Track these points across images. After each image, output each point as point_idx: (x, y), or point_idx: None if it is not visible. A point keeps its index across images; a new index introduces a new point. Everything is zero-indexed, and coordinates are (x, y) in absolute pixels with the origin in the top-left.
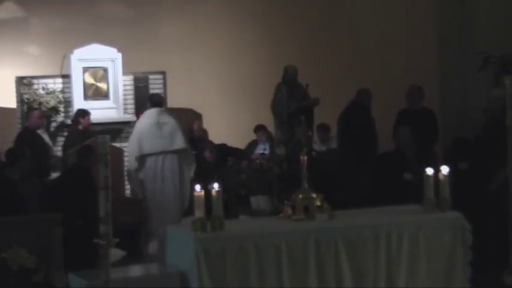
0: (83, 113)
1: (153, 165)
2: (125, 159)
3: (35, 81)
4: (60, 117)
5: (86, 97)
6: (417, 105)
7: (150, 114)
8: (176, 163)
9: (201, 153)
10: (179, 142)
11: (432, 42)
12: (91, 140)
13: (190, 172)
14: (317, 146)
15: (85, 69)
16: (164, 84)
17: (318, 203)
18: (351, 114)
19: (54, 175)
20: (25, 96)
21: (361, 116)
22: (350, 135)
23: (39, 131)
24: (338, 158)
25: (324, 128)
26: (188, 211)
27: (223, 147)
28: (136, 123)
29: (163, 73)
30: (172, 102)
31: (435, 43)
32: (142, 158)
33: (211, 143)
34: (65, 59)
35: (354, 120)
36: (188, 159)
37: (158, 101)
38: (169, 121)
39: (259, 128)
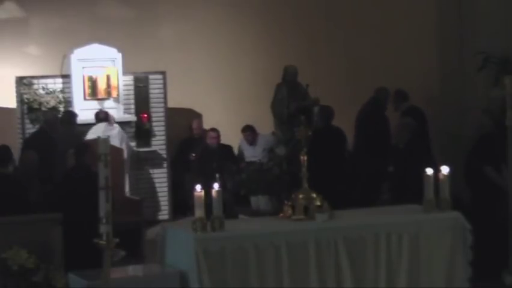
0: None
1: None
2: None
3: (35, 81)
4: None
5: (86, 97)
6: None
7: (95, 130)
8: None
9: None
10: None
11: (432, 42)
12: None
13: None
14: None
15: (85, 69)
16: (164, 84)
17: (318, 203)
18: (365, 109)
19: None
20: (25, 96)
21: (373, 111)
22: (364, 130)
23: None
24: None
25: None
26: None
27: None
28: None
29: (163, 73)
30: (172, 102)
31: (435, 43)
32: None
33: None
34: (65, 59)
35: (367, 116)
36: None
37: (103, 118)
38: (114, 134)
39: (247, 129)
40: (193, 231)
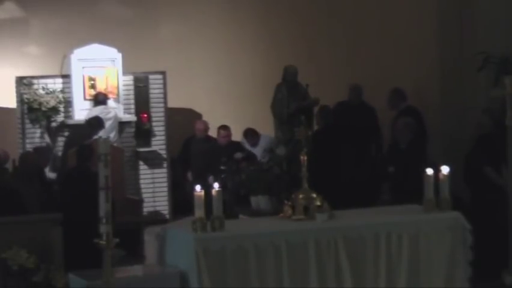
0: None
1: None
2: None
3: (35, 81)
4: (60, 117)
5: (86, 97)
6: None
7: (92, 112)
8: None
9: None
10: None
11: (432, 42)
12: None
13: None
14: None
15: (85, 69)
16: (164, 84)
17: (318, 203)
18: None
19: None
20: (25, 96)
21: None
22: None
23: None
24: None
25: None
26: None
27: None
28: None
29: (163, 73)
30: (172, 102)
31: (435, 43)
32: None
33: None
34: (65, 59)
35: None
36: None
37: (102, 100)
38: (112, 117)
39: (249, 132)
40: (193, 231)
